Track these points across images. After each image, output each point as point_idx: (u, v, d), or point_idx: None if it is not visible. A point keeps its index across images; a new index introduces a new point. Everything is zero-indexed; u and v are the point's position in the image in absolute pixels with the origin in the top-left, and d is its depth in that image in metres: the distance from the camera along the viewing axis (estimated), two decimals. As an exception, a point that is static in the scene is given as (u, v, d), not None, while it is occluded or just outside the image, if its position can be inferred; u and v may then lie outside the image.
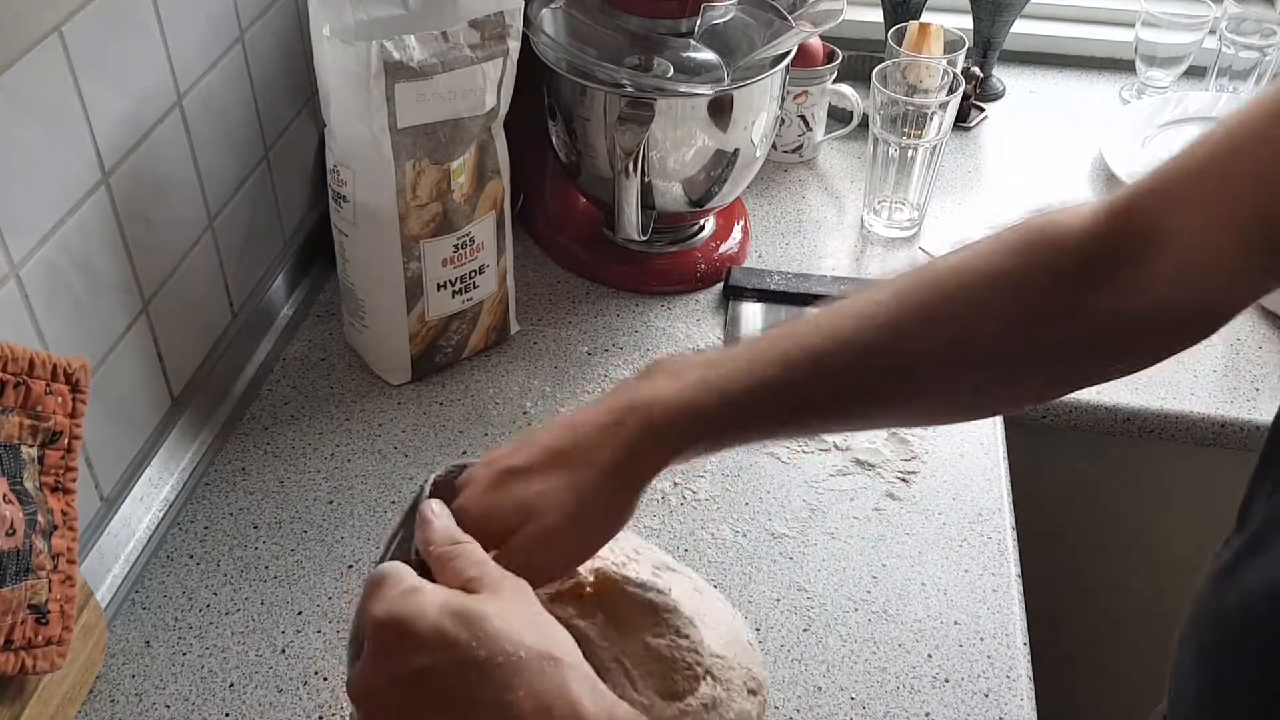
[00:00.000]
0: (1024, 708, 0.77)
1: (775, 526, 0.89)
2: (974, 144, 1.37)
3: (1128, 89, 1.45)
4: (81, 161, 0.76)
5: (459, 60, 0.88)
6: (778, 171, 1.30)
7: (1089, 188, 1.29)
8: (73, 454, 0.70)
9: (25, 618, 0.66)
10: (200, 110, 0.89)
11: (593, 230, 1.17)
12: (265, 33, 0.98)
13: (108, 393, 0.81)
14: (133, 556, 0.85)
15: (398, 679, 0.47)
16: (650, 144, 1.01)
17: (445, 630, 0.47)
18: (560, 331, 1.08)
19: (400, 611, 0.48)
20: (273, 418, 0.98)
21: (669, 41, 1.02)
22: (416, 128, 0.89)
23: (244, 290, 1.01)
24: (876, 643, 0.81)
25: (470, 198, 0.96)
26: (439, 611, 0.47)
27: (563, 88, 1.04)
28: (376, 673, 0.48)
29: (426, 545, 0.53)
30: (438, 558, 0.53)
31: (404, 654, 0.47)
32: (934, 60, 1.19)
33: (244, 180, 0.98)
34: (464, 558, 0.52)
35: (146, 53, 0.82)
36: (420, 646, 0.47)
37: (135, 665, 0.79)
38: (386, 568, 0.51)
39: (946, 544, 0.88)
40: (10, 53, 0.68)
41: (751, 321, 1.09)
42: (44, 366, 0.67)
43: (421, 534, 0.54)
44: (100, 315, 0.80)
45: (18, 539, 0.64)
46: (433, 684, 0.47)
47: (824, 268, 1.17)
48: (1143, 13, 1.37)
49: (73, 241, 0.76)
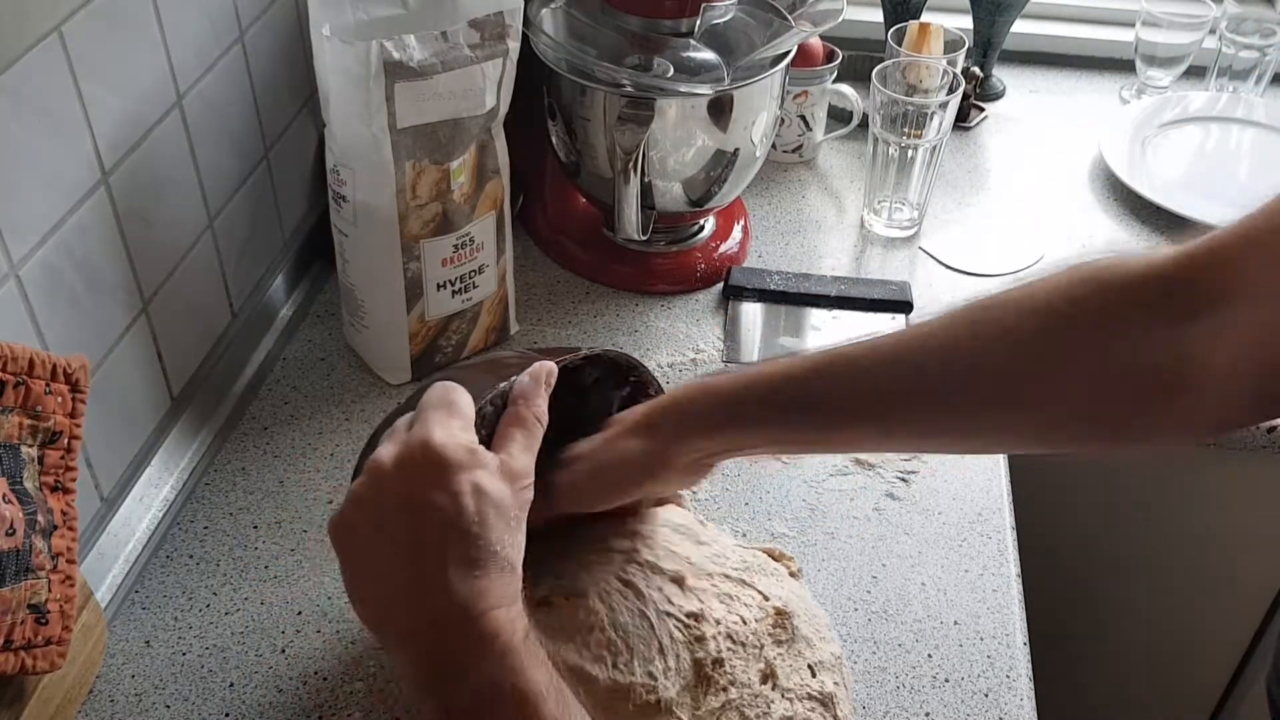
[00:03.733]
0: (1024, 708, 0.77)
1: (775, 526, 0.89)
2: (974, 144, 1.37)
3: (1128, 89, 1.45)
4: (81, 161, 0.76)
5: (459, 60, 0.88)
6: (778, 171, 1.30)
7: (1089, 188, 1.29)
8: (72, 454, 0.70)
9: (25, 618, 0.66)
10: (200, 110, 0.89)
11: (593, 230, 1.17)
12: (265, 33, 0.98)
13: (108, 393, 0.81)
14: (133, 556, 0.85)
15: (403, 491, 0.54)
16: (650, 144, 1.01)
17: (463, 494, 0.53)
18: (560, 331, 1.08)
19: (450, 455, 0.54)
20: (273, 418, 0.98)
21: (669, 41, 1.02)
22: (416, 128, 0.89)
23: (244, 290, 1.01)
24: (876, 643, 0.81)
25: (470, 198, 0.96)
26: (470, 478, 0.54)
27: (563, 88, 1.04)
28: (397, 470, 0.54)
29: (519, 398, 0.60)
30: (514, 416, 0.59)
31: (425, 481, 0.53)
32: (934, 60, 1.19)
33: (244, 180, 0.98)
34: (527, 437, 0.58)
35: (146, 53, 0.82)
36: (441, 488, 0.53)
37: (135, 665, 0.79)
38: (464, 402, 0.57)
39: (946, 544, 0.88)
40: (10, 53, 0.68)
41: (752, 321, 1.09)
42: (44, 366, 0.67)
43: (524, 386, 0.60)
44: (100, 315, 0.80)
45: (17, 539, 0.64)
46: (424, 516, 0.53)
47: (824, 268, 1.17)
48: (1143, 13, 1.37)
49: (72, 241, 0.76)
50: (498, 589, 0.53)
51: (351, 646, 0.80)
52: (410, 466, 0.54)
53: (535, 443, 0.59)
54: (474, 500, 0.53)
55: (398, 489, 0.54)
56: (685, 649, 0.68)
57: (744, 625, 0.71)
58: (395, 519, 0.54)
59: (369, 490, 0.55)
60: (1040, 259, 1.18)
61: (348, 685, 0.78)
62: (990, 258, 1.18)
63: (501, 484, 0.55)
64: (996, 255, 1.18)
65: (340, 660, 0.79)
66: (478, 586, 0.53)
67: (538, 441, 0.59)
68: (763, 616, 0.72)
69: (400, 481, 0.54)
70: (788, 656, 0.72)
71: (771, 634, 0.72)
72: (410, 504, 0.54)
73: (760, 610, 0.73)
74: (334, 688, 0.78)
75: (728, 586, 0.73)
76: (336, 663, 0.79)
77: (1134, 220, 1.24)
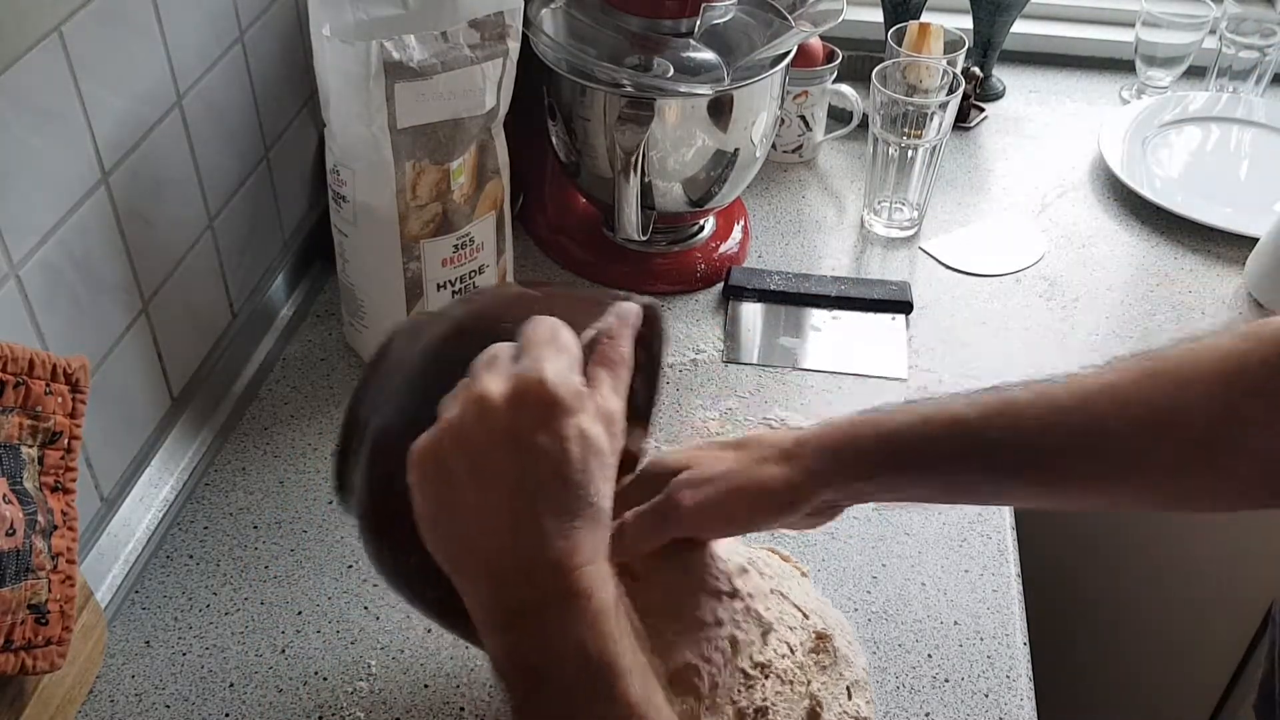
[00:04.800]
0: (1024, 708, 0.77)
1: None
2: (974, 144, 1.37)
3: (1128, 89, 1.45)
4: (81, 161, 0.76)
5: (459, 60, 0.88)
6: (778, 171, 1.30)
7: (1089, 188, 1.29)
8: (72, 454, 0.70)
9: (25, 618, 0.66)
10: (200, 110, 0.89)
11: (593, 230, 1.17)
12: (265, 33, 0.98)
13: (108, 393, 0.81)
14: (133, 556, 0.85)
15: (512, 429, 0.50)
16: (650, 144, 1.01)
17: (571, 440, 0.50)
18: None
19: (562, 394, 0.50)
20: (273, 418, 0.98)
21: (669, 41, 1.02)
22: (416, 128, 0.89)
23: (244, 290, 1.01)
24: (876, 643, 0.81)
25: (470, 198, 0.96)
26: (578, 422, 0.51)
27: (563, 88, 1.04)
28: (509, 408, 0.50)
29: (610, 338, 0.56)
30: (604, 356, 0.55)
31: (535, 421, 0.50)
32: (934, 60, 1.19)
33: (244, 180, 0.98)
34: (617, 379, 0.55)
35: (146, 53, 0.82)
36: (551, 430, 0.50)
37: (135, 665, 0.79)
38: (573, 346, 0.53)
39: (946, 544, 0.88)
40: (10, 53, 0.68)
41: (752, 322, 1.09)
42: (44, 366, 0.67)
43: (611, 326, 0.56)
44: (100, 315, 0.80)
45: (17, 539, 0.64)
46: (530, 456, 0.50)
47: (824, 268, 1.17)
48: (1143, 13, 1.37)
49: (72, 241, 0.76)
50: (591, 542, 0.51)
51: (352, 647, 0.80)
52: (522, 403, 0.50)
53: (624, 386, 0.55)
54: (579, 446, 0.50)
55: (505, 425, 0.50)
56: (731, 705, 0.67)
57: (790, 656, 0.70)
58: (497, 456, 0.50)
59: (473, 422, 0.51)
60: (1040, 259, 1.18)
61: (348, 685, 0.78)
62: (990, 258, 1.18)
63: (602, 430, 0.52)
64: (996, 255, 1.18)
65: (340, 660, 0.79)
66: (575, 538, 0.50)
67: (626, 385, 0.55)
68: (806, 639, 0.72)
69: (509, 417, 0.50)
70: (830, 684, 0.71)
71: (815, 660, 0.71)
72: (517, 443, 0.50)
73: (803, 632, 0.72)
74: (334, 688, 0.78)
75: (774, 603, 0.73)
76: (336, 663, 0.79)
77: (1134, 220, 1.23)
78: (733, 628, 0.69)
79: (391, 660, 0.79)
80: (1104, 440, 0.61)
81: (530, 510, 0.50)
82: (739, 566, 0.73)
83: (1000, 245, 1.20)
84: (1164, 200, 1.22)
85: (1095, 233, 1.22)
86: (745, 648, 0.69)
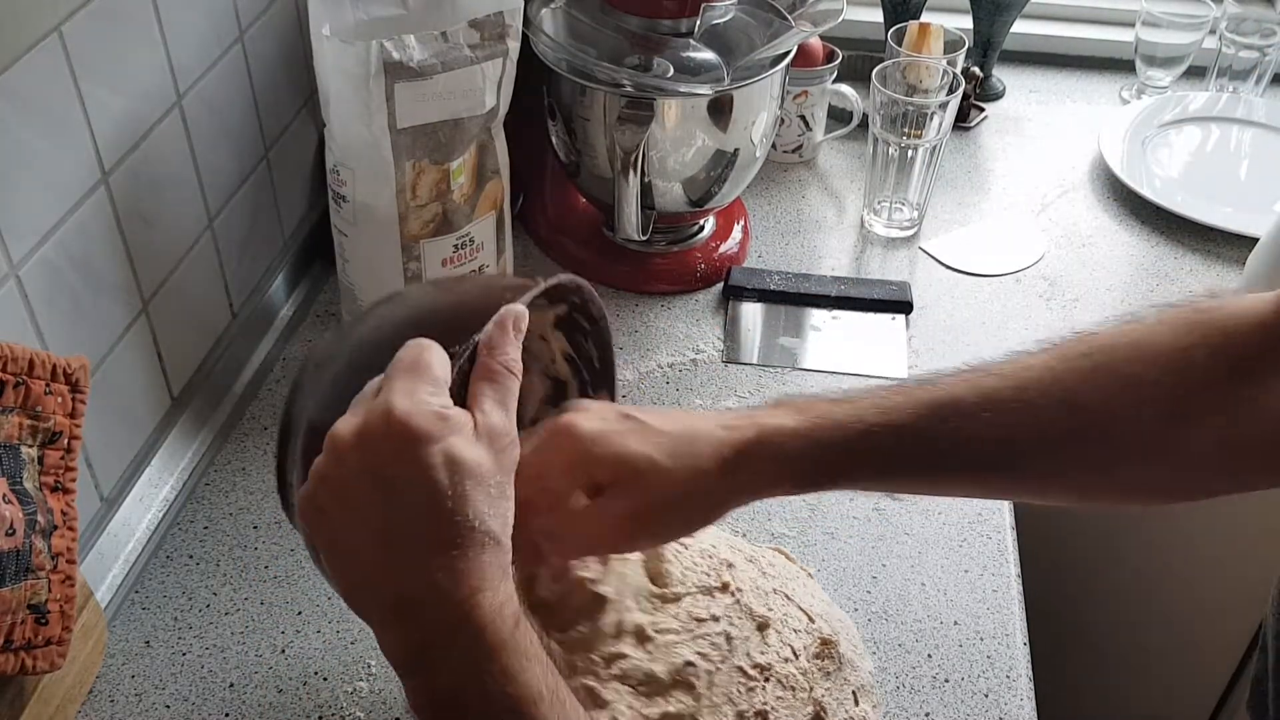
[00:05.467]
0: (1024, 708, 0.77)
1: (775, 526, 0.89)
2: (974, 144, 1.37)
3: (1128, 89, 1.45)
4: (81, 162, 0.76)
5: (459, 60, 0.88)
6: (778, 171, 1.30)
7: (1089, 188, 1.29)
8: (72, 454, 0.70)
9: (25, 618, 0.66)
10: (200, 110, 0.89)
11: (593, 230, 1.17)
12: (265, 33, 0.98)
13: (108, 393, 0.81)
14: (133, 556, 0.85)
15: (367, 467, 0.49)
16: (650, 144, 1.01)
17: (435, 468, 0.48)
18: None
19: (416, 425, 0.48)
20: (272, 418, 0.98)
21: (669, 41, 1.02)
22: (416, 128, 0.89)
23: (244, 290, 1.01)
24: (876, 643, 0.81)
25: (470, 198, 0.96)
26: (441, 448, 0.49)
27: (563, 88, 1.04)
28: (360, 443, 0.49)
29: (489, 349, 0.53)
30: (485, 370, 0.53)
31: (391, 453, 0.48)
32: (934, 60, 1.19)
33: (244, 180, 0.98)
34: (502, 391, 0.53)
35: (146, 53, 0.82)
36: (405, 462, 0.48)
37: (135, 665, 0.79)
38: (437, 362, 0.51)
39: (946, 544, 0.88)
40: (10, 53, 0.68)
41: (752, 321, 1.09)
42: (44, 366, 0.67)
43: (491, 335, 0.54)
44: (100, 315, 0.80)
45: (17, 539, 0.64)
46: (394, 495, 0.49)
47: (824, 268, 1.17)
48: (1143, 13, 1.37)
49: (72, 241, 0.76)
50: (479, 569, 0.49)
51: (352, 647, 0.80)
52: (373, 440, 0.49)
53: (511, 396, 0.53)
54: (447, 473, 0.48)
55: (362, 465, 0.49)
56: (730, 705, 0.67)
57: (793, 660, 0.70)
58: (363, 498, 0.49)
59: (332, 467, 0.50)
60: (1040, 259, 1.18)
61: (348, 685, 0.78)
62: (990, 258, 1.18)
63: (479, 449, 0.50)
64: (996, 255, 1.18)
65: (340, 660, 0.79)
66: (458, 569, 0.48)
67: (513, 394, 0.53)
68: (810, 643, 0.72)
69: (363, 457, 0.49)
70: (834, 689, 0.71)
71: (820, 666, 0.71)
72: (378, 481, 0.49)
73: (808, 636, 0.72)
74: (334, 688, 0.78)
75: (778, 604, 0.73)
76: (336, 663, 0.79)
77: (1134, 220, 1.23)
78: (726, 624, 0.69)
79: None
80: (1055, 443, 0.61)
81: (404, 548, 0.49)
82: (725, 561, 0.73)
83: (1000, 245, 1.20)
84: (1164, 200, 1.22)
85: (1095, 233, 1.22)
86: (741, 644, 0.69)
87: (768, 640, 0.70)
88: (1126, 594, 1.23)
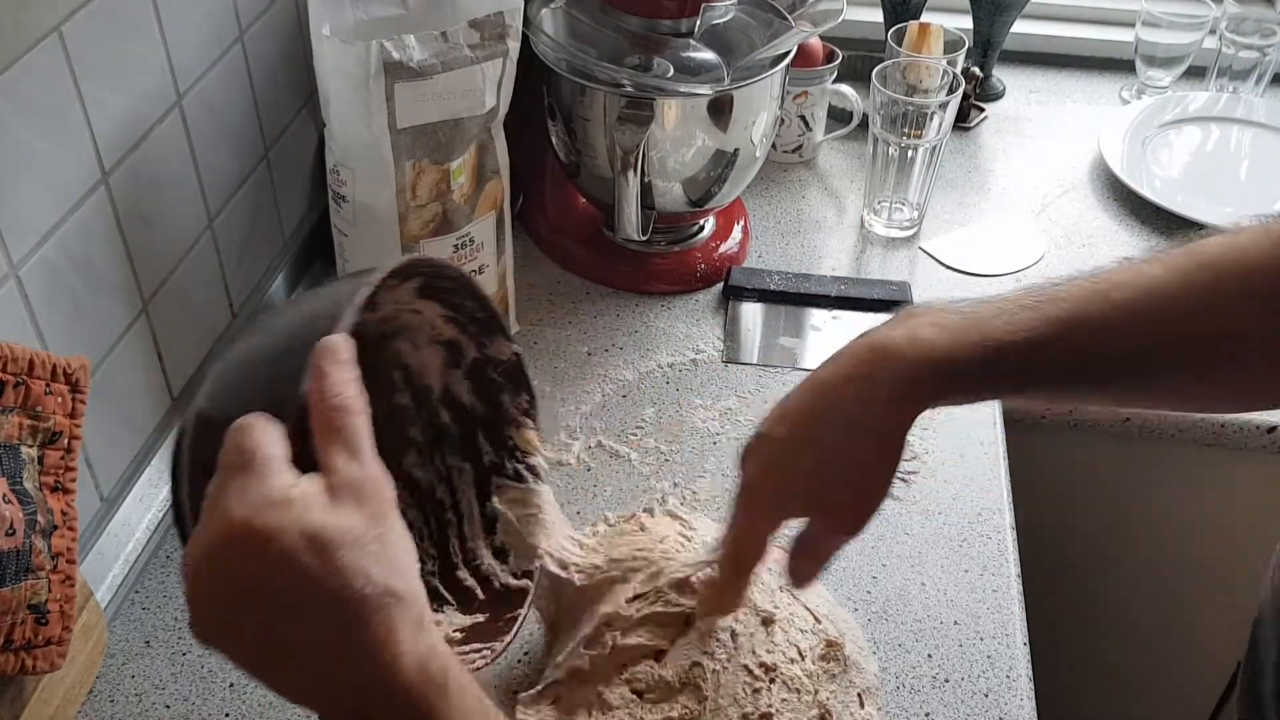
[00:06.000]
0: (1024, 708, 0.77)
1: (775, 526, 0.89)
2: (974, 144, 1.37)
3: (1128, 89, 1.45)
4: (81, 161, 0.76)
5: (459, 60, 0.88)
6: (778, 171, 1.30)
7: (1089, 188, 1.29)
8: (72, 454, 0.70)
9: (25, 618, 0.66)
10: (200, 110, 0.89)
11: (593, 230, 1.17)
12: (265, 33, 0.98)
13: (108, 393, 0.81)
14: (133, 556, 0.85)
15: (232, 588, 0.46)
16: (650, 144, 1.01)
17: (297, 555, 0.45)
18: (560, 332, 1.08)
19: (258, 525, 0.45)
20: (273, 418, 0.98)
21: (669, 41, 1.02)
22: (416, 128, 0.89)
23: (244, 290, 1.01)
24: (876, 643, 0.81)
25: (470, 198, 0.96)
26: (297, 533, 0.45)
27: (563, 88, 1.04)
28: (213, 567, 0.46)
29: (316, 398, 0.49)
30: (321, 422, 0.49)
31: (249, 565, 0.45)
32: (934, 60, 1.19)
33: (244, 180, 0.98)
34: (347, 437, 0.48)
35: (146, 53, 0.82)
36: (267, 565, 0.45)
37: (135, 665, 0.79)
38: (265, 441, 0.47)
39: (946, 544, 0.88)
40: (10, 53, 0.68)
41: (752, 321, 1.09)
42: (44, 366, 0.67)
43: (313, 384, 0.49)
44: (100, 315, 0.80)
45: (17, 539, 0.64)
46: (267, 603, 0.45)
47: (824, 268, 1.17)
48: (1143, 13, 1.37)
49: (72, 241, 0.76)
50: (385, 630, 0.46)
51: (351, 646, 0.80)
52: (224, 558, 0.46)
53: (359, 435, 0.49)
54: (314, 555, 0.45)
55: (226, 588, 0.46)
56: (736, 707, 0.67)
57: (799, 662, 0.70)
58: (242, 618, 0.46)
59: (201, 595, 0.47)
60: (1040, 259, 1.18)
61: (348, 685, 0.78)
62: (990, 258, 1.18)
63: (340, 513, 0.46)
64: (996, 255, 1.18)
65: (340, 660, 0.79)
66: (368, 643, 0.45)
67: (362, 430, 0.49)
68: (816, 645, 0.72)
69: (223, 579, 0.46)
70: (840, 691, 0.71)
71: (825, 669, 0.71)
72: (249, 596, 0.45)
73: (814, 637, 0.72)
74: (334, 688, 0.78)
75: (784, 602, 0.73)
76: (336, 663, 0.79)
77: (1134, 220, 1.23)
78: (731, 619, 0.69)
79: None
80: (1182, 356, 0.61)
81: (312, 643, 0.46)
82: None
83: (1000, 245, 1.20)
84: (1164, 200, 1.22)
85: (1095, 233, 1.22)
86: (746, 641, 0.69)
87: (774, 638, 0.70)
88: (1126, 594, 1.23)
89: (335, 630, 0.45)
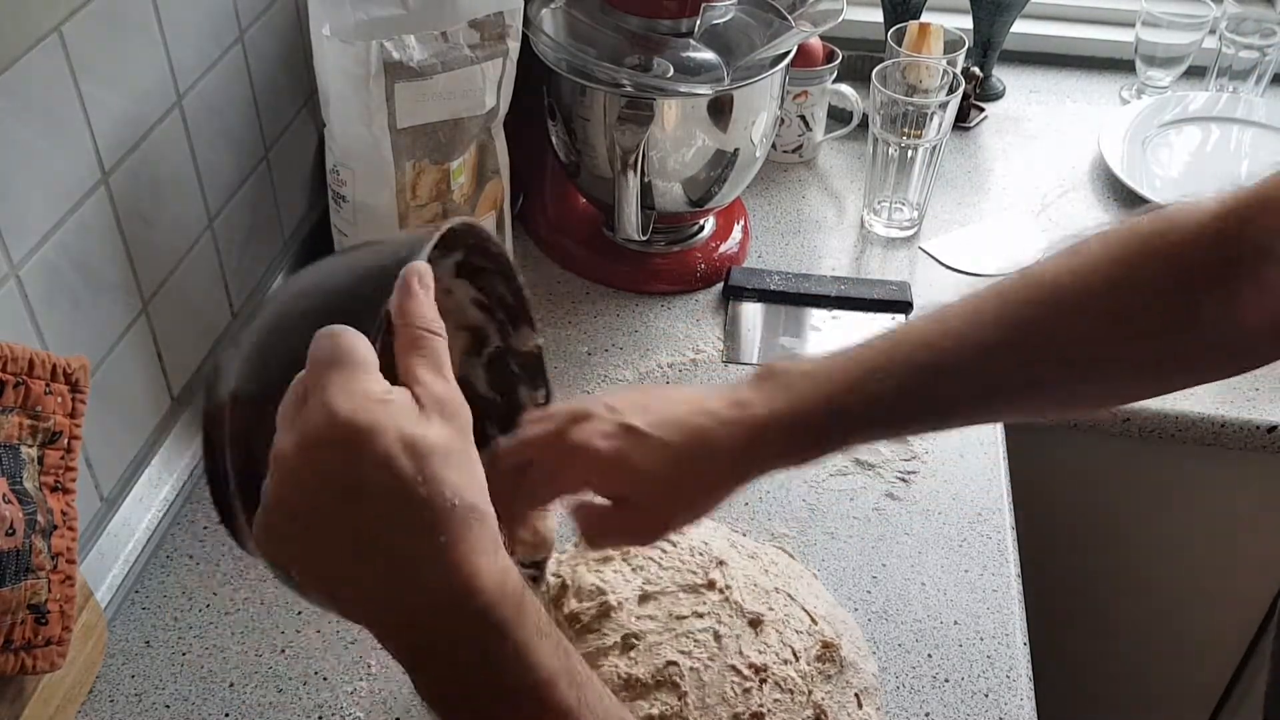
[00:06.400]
0: (1024, 708, 0.77)
1: (775, 526, 0.89)
2: (974, 144, 1.37)
3: (1128, 89, 1.45)
4: (81, 161, 0.76)
5: (459, 60, 0.88)
6: (778, 171, 1.30)
7: (1089, 188, 1.29)
8: (72, 454, 0.70)
9: (25, 618, 0.66)
10: (200, 110, 0.89)
11: (593, 230, 1.17)
12: (265, 33, 0.98)
13: (108, 393, 0.81)
14: (133, 556, 0.85)
15: (324, 481, 0.45)
16: (650, 144, 1.01)
17: (395, 457, 0.45)
18: (560, 331, 1.08)
19: (363, 420, 0.45)
20: (273, 418, 0.98)
21: (669, 41, 1.02)
22: (416, 128, 0.89)
23: (244, 290, 1.01)
24: (876, 643, 0.81)
25: (470, 198, 0.96)
26: (396, 435, 0.45)
27: (563, 88, 1.04)
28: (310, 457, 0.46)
29: (403, 316, 0.49)
30: (408, 340, 0.49)
31: (348, 460, 0.45)
32: (934, 60, 1.19)
33: (244, 180, 0.98)
34: (432, 356, 0.49)
35: (146, 53, 0.82)
36: (364, 463, 0.45)
37: (135, 665, 0.79)
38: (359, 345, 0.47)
39: (946, 544, 0.88)
40: (10, 53, 0.68)
41: (752, 321, 1.09)
42: (44, 366, 0.67)
43: (401, 302, 0.50)
44: (100, 315, 0.80)
45: (17, 539, 0.64)
46: (360, 500, 0.45)
47: (824, 268, 1.17)
48: (1143, 13, 1.37)
49: (72, 241, 0.76)
50: (470, 549, 0.46)
51: (351, 646, 0.80)
52: (321, 450, 0.45)
53: (443, 358, 0.50)
54: (410, 460, 0.45)
55: (317, 480, 0.45)
56: (725, 706, 0.67)
57: (793, 663, 0.70)
58: (328, 513, 0.46)
59: (285, 489, 0.46)
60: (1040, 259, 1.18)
61: (348, 685, 0.78)
62: (990, 258, 1.18)
63: (433, 424, 0.46)
64: (996, 255, 1.18)
65: (340, 660, 0.79)
66: (449, 556, 0.45)
67: (444, 355, 0.50)
68: (812, 645, 0.72)
69: (317, 470, 0.45)
70: (835, 692, 0.71)
71: (820, 670, 0.71)
72: (340, 491, 0.45)
73: (810, 638, 0.72)
74: (334, 688, 0.78)
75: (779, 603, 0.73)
76: (336, 662, 0.79)
77: (1134, 220, 1.23)
78: (713, 621, 0.69)
79: (391, 660, 0.79)
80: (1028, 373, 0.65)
81: (387, 552, 0.46)
82: (716, 559, 0.73)
83: (1000, 245, 1.20)
84: (1164, 200, 1.22)
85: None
86: (732, 642, 0.68)
87: (766, 639, 0.70)
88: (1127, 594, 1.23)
89: (422, 538, 0.45)
